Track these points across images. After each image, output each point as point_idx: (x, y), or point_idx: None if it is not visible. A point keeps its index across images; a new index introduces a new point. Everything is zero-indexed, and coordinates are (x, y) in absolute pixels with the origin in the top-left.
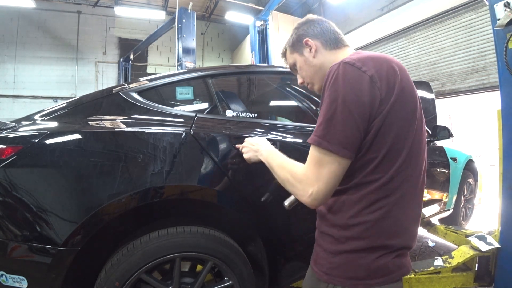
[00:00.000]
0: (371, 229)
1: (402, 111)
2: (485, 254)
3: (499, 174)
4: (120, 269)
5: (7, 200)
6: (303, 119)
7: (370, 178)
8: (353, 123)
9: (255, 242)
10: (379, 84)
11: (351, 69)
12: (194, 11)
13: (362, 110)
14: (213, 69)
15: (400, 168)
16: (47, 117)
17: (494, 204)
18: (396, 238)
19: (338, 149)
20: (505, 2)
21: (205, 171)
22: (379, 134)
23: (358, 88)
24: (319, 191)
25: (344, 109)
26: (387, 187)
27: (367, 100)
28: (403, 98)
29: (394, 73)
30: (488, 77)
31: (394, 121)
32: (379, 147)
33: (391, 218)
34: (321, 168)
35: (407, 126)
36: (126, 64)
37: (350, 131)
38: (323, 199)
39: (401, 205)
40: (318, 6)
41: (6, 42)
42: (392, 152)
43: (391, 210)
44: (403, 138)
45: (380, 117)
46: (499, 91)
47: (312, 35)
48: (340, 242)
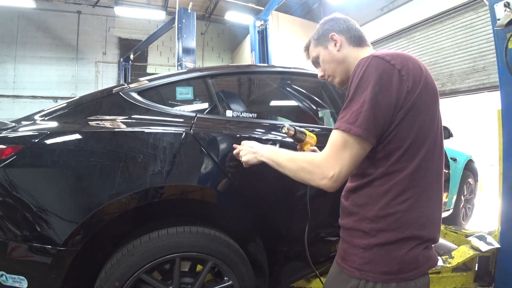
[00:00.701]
0: (401, 220)
1: (426, 104)
2: (485, 254)
3: (499, 174)
4: (120, 269)
5: (7, 200)
6: (303, 119)
7: (396, 167)
8: (380, 111)
9: (255, 242)
10: (406, 77)
11: (382, 62)
12: (194, 11)
13: (389, 100)
14: (213, 69)
15: (425, 158)
16: (47, 117)
17: (494, 204)
18: (425, 229)
19: (364, 133)
20: (505, 2)
21: (205, 171)
22: (404, 124)
23: (387, 79)
24: (341, 172)
25: (372, 98)
26: (414, 177)
27: (395, 91)
28: (426, 92)
29: (420, 69)
30: (488, 77)
31: (419, 112)
32: (404, 136)
33: (419, 208)
34: (343, 151)
35: (430, 118)
36: (126, 64)
37: (377, 119)
38: (343, 181)
39: (427, 196)
40: (318, 6)
41: (6, 42)
42: (417, 142)
43: (419, 200)
44: (426, 129)
45: (405, 108)
46: (499, 91)
47: (338, 31)
48: (370, 235)
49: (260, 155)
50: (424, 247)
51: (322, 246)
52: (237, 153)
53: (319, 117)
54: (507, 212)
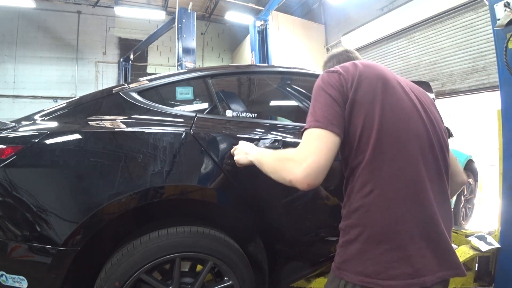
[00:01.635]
0: (370, 214)
1: (364, 97)
2: (485, 254)
3: (499, 174)
4: (120, 269)
5: (7, 200)
6: (303, 119)
7: (355, 160)
8: (331, 102)
9: (255, 242)
10: (345, 77)
11: (326, 73)
12: (194, 11)
13: (335, 92)
14: (213, 69)
15: (376, 150)
16: (47, 117)
17: (494, 204)
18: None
19: (325, 124)
20: (505, 2)
21: (205, 171)
22: (352, 117)
23: (331, 81)
24: (311, 164)
25: (321, 94)
26: (370, 168)
27: (338, 86)
28: (363, 86)
29: (355, 68)
30: (488, 77)
31: (360, 105)
32: (354, 129)
33: (388, 202)
34: (311, 143)
35: (371, 110)
36: (126, 64)
37: (331, 109)
38: (314, 173)
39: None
40: (318, 6)
41: (6, 42)
42: (365, 133)
43: (384, 193)
44: (370, 120)
45: (349, 101)
46: (499, 91)
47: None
48: (346, 232)
49: (250, 155)
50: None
51: (321, 246)
52: (232, 151)
53: None
54: (507, 212)
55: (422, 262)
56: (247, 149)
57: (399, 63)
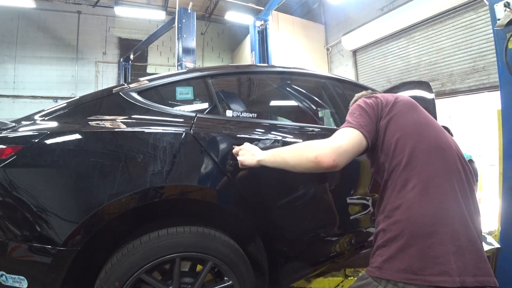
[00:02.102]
0: (414, 209)
1: (400, 119)
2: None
3: (499, 174)
4: (120, 269)
5: (7, 200)
6: (303, 119)
7: (393, 161)
8: (365, 114)
9: (255, 242)
10: (381, 100)
11: (364, 97)
12: (194, 11)
13: (370, 109)
14: (213, 69)
15: (413, 152)
16: (47, 117)
17: (494, 204)
18: (441, 226)
19: (357, 126)
20: (505, 2)
21: (205, 171)
22: (388, 126)
23: (368, 101)
24: (341, 145)
25: (357, 109)
26: (411, 166)
27: (374, 105)
28: (398, 105)
29: (392, 95)
30: (488, 77)
31: (396, 117)
32: (391, 135)
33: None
34: (341, 134)
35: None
36: (126, 64)
37: (363, 118)
38: (341, 152)
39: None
40: (318, 6)
41: (6, 42)
42: (401, 139)
43: (425, 189)
44: (406, 127)
45: (385, 116)
46: (499, 91)
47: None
48: (387, 231)
49: (260, 159)
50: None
51: (321, 246)
52: (236, 152)
53: (319, 117)
54: (507, 212)
55: (462, 260)
56: (254, 150)
57: (399, 63)
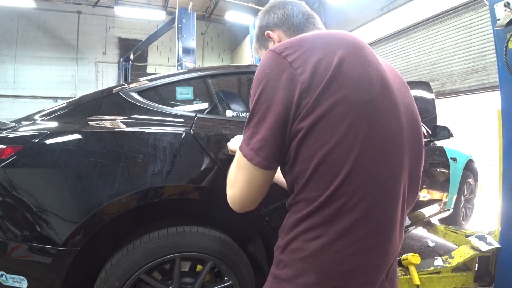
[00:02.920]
0: (307, 262)
1: (345, 104)
2: (485, 254)
3: (499, 174)
4: (120, 269)
5: (7, 200)
6: None
7: (305, 195)
8: (268, 125)
9: (255, 242)
10: (300, 70)
11: (271, 57)
12: (194, 11)
13: (275, 107)
14: (213, 69)
15: (343, 185)
16: (47, 117)
17: (494, 204)
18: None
19: (251, 155)
20: (505, 2)
21: (205, 171)
22: (308, 137)
23: (274, 81)
24: (235, 195)
25: (259, 108)
26: (326, 212)
27: (284, 94)
28: (346, 85)
29: (327, 50)
30: (488, 77)
31: (331, 118)
32: (308, 155)
33: (334, 256)
34: (238, 172)
35: (354, 125)
36: (126, 64)
37: (265, 135)
38: (240, 204)
39: (351, 243)
40: (318, 6)
41: (6, 42)
42: (328, 163)
43: (333, 245)
44: (347, 143)
45: (303, 115)
46: (499, 91)
47: (273, 25)
48: (278, 267)
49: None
50: None
51: None
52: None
53: None
54: (507, 212)
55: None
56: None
57: (399, 63)
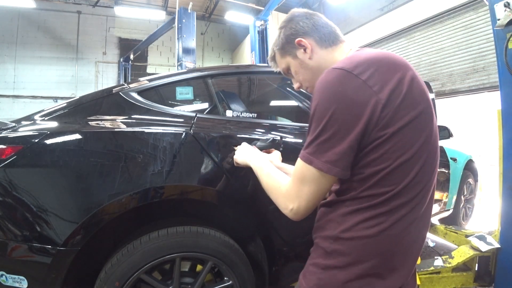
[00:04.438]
0: (364, 247)
1: (411, 115)
2: (485, 254)
3: (499, 174)
4: (120, 269)
5: (7, 200)
6: (303, 119)
7: (372, 192)
8: (348, 139)
9: (255, 242)
10: (377, 87)
11: (342, 75)
12: (194, 11)
13: (355, 122)
14: (213, 69)
15: (414, 183)
16: (47, 117)
17: (494, 204)
18: (391, 263)
19: (328, 167)
20: (505, 2)
21: (205, 171)
22: (383, 145)
23: (349, 98)
24: (299, 207)
25: (333, 125)
26: (393, 204)
27: (363, 110)
28: (412, 99)
29: (395, 70)
30: (488, 77)
31: (404, 128)
32: (385, 159)
33: (389, 239)
34: (303, 185)
35: (421, 132)
36: (126, 64)
37: (344, 148)
38: (304, 214)
39: (404, 226)
40: (318, 6)
41: (6, 42)
42: (403, 165)
43: (390, 229)
44: (416, 147)
45: (382, 126)
46: (499, 91)
47: (303, 33)
48: (331, 256)
49: (250, 160)
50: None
51: None
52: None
53: None
54: (507, 212)
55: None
56: (249, 151)
57: None
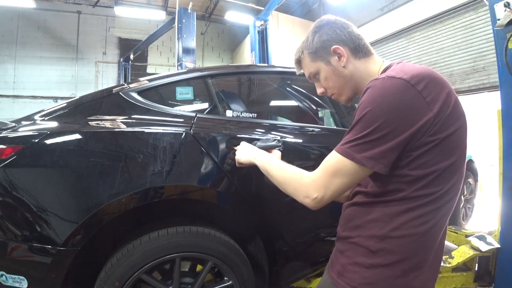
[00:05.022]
0: (413, 244)
1: (455, 126)
2: (485, 254)
3: (499, 174)
4: (120, 269)
5: (7, 200)
6: (303, 119)
7: (422, 192)
8: (397, 141)
9: (255, 242)
10: (430, 98)
11: (400, 84)
12: (194, 11)
13: (406, 128)
14: (213, 69)
15: (457, 182)
16: (47, 117)
17: (494, 204)
18: (430, 256)
19: (372, 163)
20: (505, 2)
21: (205, 171)
22: (434, 149)
23: (405, 105)
24: (324, 196)
25: (385, 127)
26: (439, 203)
27: (417, 117)
28: (457, 111)
29: (443, 85)
30: (488, 77)
31: (452, 135)
32: (437, 161)
33: (435, 234)
34: (334, 177)
35: (463, 139)
36: (126, 64)
37: (392, 147)
38: (325, 203)
39: (445, 221)
40: (318, 6)
41: (6, 42)
42: (452, 166)
43: (436, 224)
44: (460, 151)
45: (433, 132)
46: (499, 91)
47: (339, 41)
48: (377, 255)
49: (254, 157)
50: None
51: (321, 246)
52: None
53: (319, 117)
54: (507, 212)
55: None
56: (251, 150)
57: None
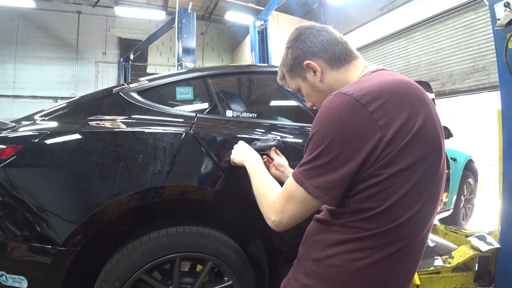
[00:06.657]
0: (344, 278)
1: (415, 158)
2: (485, 254)
3: (499, 174)
4: (120, 269)
5: (7, 200)
6: (303, 119)
7: (363, 225)
8: (343, 171)
9: (255, 242)
10: (383, 122)
11: (348, 103)
12: (194, 11)
13: (353, 155)
14: (213, 69)
15: (403, 224)
16: (47, 117)
17: (494, 204)
18: None
19: (318, 194)
20: (505, 2)
21: (205, 171)
22: (378, 185)
23: (352, 128)
24: (281, 221)
25: (330, 153)
26: (380, 241)
27: (364, 145)
28: (423, 139)
29: (408, 106)
30: (488, 77)
31: (404, 171)
32: (381, 197)
33: (372, 274)
34: (289, 202)
35: (429, 175)
36: (126, 64)
37: (337, 178)
38: (284, 228)
39: (390, 263)
40: (318, 6)
41: (6, 42)
42: (395, 207)
43: (376, 265)
44: (415, 191)
45: (381, 165)
46: (499, 91)
47: (311, 54)
48: (310, 277)
49: (246, 160)
50: None
51: None
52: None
53: None
54: (507, 212)
55: None
56: (245, 151)
57: (399, 63)
